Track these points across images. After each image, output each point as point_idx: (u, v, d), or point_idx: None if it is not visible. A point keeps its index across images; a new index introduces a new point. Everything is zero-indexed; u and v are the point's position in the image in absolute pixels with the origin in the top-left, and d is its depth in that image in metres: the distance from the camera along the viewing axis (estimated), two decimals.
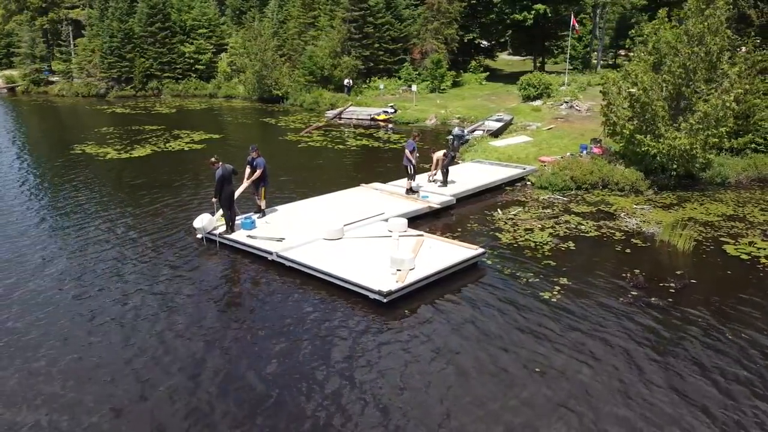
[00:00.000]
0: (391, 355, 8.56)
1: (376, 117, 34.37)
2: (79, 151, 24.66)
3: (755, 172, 19.09)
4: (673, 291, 10.74)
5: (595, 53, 49.05)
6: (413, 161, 16.12)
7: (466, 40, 51.01)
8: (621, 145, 19.11)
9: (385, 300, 9.90)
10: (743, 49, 21.24)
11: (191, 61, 50.77)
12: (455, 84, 45.47)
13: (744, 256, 12.51)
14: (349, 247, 12.29)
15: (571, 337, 9.09)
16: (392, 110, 34.92)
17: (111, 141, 27.02)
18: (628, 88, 18.44)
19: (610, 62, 53.06)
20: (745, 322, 9.61)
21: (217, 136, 28.52)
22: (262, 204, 14.19)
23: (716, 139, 17.31)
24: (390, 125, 33.22)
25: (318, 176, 20.47)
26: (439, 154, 17.29)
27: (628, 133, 18.16)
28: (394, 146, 26.43)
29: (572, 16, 41.40)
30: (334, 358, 8.48)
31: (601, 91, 20.01)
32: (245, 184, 14.01)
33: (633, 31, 56.79)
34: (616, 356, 8.52)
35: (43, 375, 8.05)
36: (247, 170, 14.01)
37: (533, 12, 46.69)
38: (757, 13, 20.48)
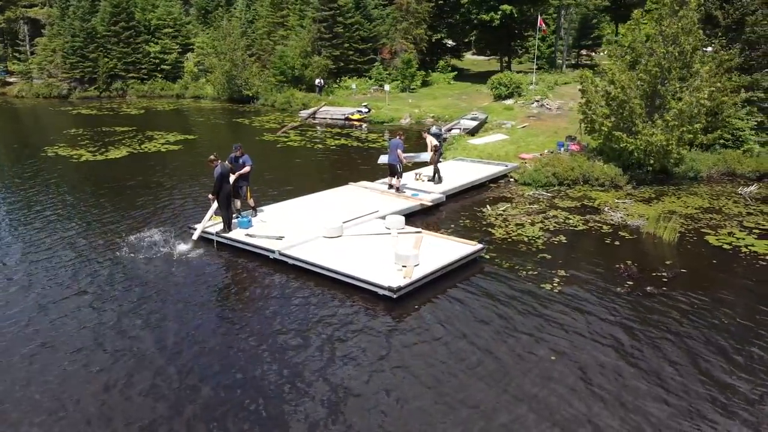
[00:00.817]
0: (410, 350, 8.74)
1: (350, 117, 34.51)
2: (52, 154, 24.07)
3: (725, 167, 19.95)
4: (665, 280, 11.23)
5: (560, 53, 50.15)
6: (403, 161, 16.35)
7: (433, 40, 51.56)
8: (599, 141, 19.72)
9: (395, 296, 10.07)
10: (709, 48, 22.17)
11: (157, 61, 50.01)
12: (424, 84, 45.91)
13: (726, 246, 13.13)
14: (350, 244, 12.42)
15: (580, 323, 9.44)
16: (366, 110, 35.10)
17: (83, 143, 26.45)
18: (605, 87, 19.04)
19: (573, 62, 54.36)
20: (738, 305, 10.14)
21: (192, 136, 28.21)
22: (251, 202, 14.20)
23: (691, 135, 18.05)
24: (364, 125, 33.40)
25: (302, 175, 20.54)
26: (432, 139, 17.52)
27: (606, 130, 18.75)
28: (374, 145, 26.63)
29: (539, 17, 42.26)
30: (355, 355, 8.60)
31: (579, 89, 20.54)
32: (231, 179, 13.96)
33: (597, 31, 58.51)
34: (629, 340, 8.89)
35: (40, 383, 7.96)
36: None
37: (500, 12, 47.49)
38: (723, 14, 21.36)
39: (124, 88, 48.74)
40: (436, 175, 17.41)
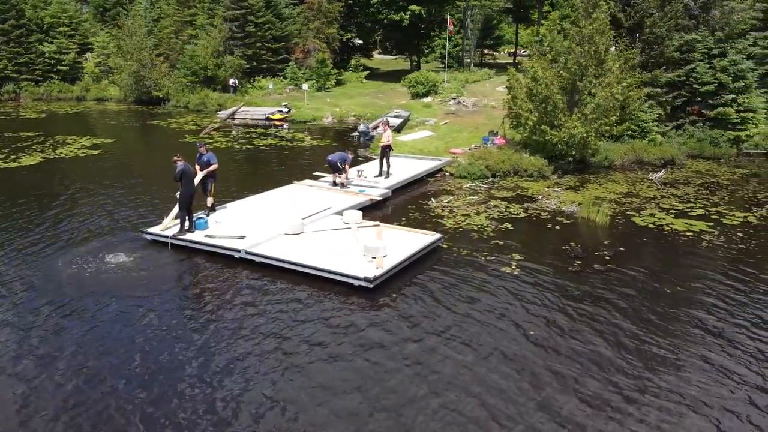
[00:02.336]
0: (391, 332, 9.16)
1: (271, 117, 34.23)
2: None
3: (634, 155, 21.88)
4: (608, 258, 12.36)
5: (467, 52, 52.15)
6: (347, 172, 16.87)
7: (344, 39, 52.02)
8: (524, 135, 20.99)
9: (371, 286, 10.44)
10: (613, 48, 24.13)
11: (52, 61, 46.86)
12: (338, 83, 46.24)
13: (651, 226, 14.58)
14: (312, 240, 12.62)
15: (545, 300, 10.27)
16: (287, 110, 34.94)
17: None
18: (528, 83, 20.32)
19: (477, 61, 56.65)
20: (671, 274, 11.43)
21: (108, 140, 26.92)
22: (209, 201, 14.08)
23: (607, 127, 19.69)
24: (286, 124, 33.27)
25: (241, 176, 20.35)
26: (389, 133, 18.28)
27: (531, 123, 20.03)
28: (302, 144, 26.74)
29: (449, 18, 43.84)
30: (346, 343, 8.91)
31: (506, 87, 21.75)
32: (199, 176, 13.83)
33: (498, 31, 61.21)
34: (591, 309, 9.79)
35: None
36: (197, 167, 13.87)
37: (408, 12, 48.72)
38: (625, 17, 23.36)
39: (17, 91, 45.25)
40: (388, 170, 17.98)
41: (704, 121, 23.82)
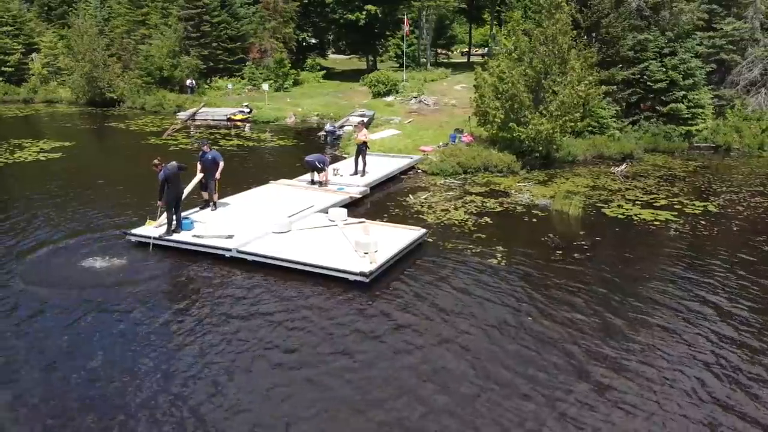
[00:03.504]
0: (406, 325, 9.45)
1: (232, 117, 33.93)
2: None
3: (595, 150, 22.82)
4: (586, 247, 12.98)
5: (423, 52, 52.84)
6: (327, 172, 17.07)
7: (300, 39, 51.90)
8: (492, 132, 21.59)
9: (367, 280, 10.68)
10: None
11: None
12: (295, 83, 46.08)
13: (621, 216, 15.33)
14: (300, 238, 12.75)
15: (535, 287, 10.74)
16: (248, 110, 34.69)
17: None
18: (494, 82, 20.91)
19: (432, 60, 57.44)
20: (646, 260, 12.13)
21: (68, 143, 26.15)
22: (215, 197, 14.49)
23: (572, 123, 20.49)
24: (247, 125, 33.05)
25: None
26: (365, 131, 18.51)
27: (499, 121, 20.64)
28: (270, 144, 26.69)
29: (405, 17, 44.34)
30: (352, 335, 9.13)
31: (474, 85, 22.30)
32: (197, 178, 14.04)
33: (450, 31, 61.99)
34: (576, 294, 10.32)
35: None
36: (198, 166, 13.95)
37: (365, 12, 49.00)
38: (583, 17, 24.29)
39: None
40: (364, 168, 18.23)
41: (657, 116, 25.04)
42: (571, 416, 7.19)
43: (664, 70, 24.58)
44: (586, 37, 24.28)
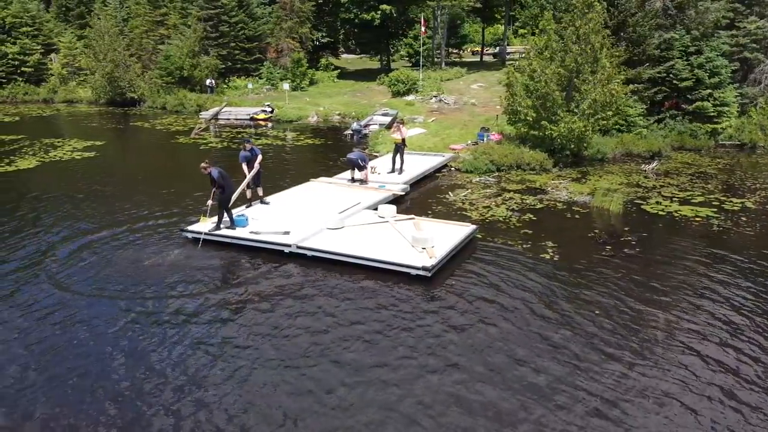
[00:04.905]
0: (464, 319, 9.73)
1: (255, 116, 34.26)
2: None
3: (623, 148, 23.06)
4: (634, 243, 13.23)
5: (438, 51, 53.04)
6: (368, 169, 17.36)
7: (315, 39, 52.17)
8: (523, 130, 21.83)
9: (429, 274, 10.96)
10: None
11: (16, 62, 45.47)
12: (311, 82, 46.35)
13: (661, 213, 15.57)
14: (354, 234, 13.03)
15: (593, 281, 11.00)
16: (270, 109, 35.02)
17: None
18: (525, 81, 21.16)
19: (446, 60, 57.63)
20: (695, 253, 12.37)
21: (99, 142, 26.52)
22: (260, 191, 15.06)
23: (605, 122, 20.73)
24: (270, 124, 33.37)
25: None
26: (404, 129, 18.64)
27: (531, 119, 20.89)
28: (300, 143, 26.97)
29: (422, 17, 44.56)
30: (424, 327, 9.41)
31: (505, 84, 22.56)
32: (249, 177, 14.40)
33: (462, 31, 62.12)
34: (634, 287, 10.57)
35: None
36: (243, 166, 14.22)
37: (380, 12, 49.26)
38: (610, 16, 24.51)
39: None
40: (402, 166, 18.49)
41: (683, 114, 25.25)
42: (645, 409, 7.46)
43: (690, 68, 24.80)
44: (613, 36, 24.46)
